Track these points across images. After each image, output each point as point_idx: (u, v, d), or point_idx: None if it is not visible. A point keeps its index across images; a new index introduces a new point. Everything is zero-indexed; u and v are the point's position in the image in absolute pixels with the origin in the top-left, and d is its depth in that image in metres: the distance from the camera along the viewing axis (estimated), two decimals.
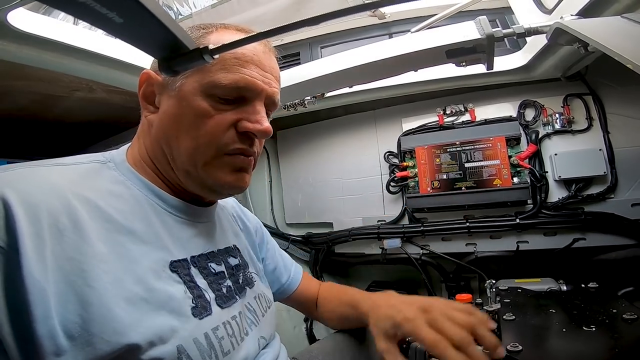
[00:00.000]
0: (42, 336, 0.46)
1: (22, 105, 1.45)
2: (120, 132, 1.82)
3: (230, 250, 0.84)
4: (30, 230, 0.49)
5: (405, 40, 1.27)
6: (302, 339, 1.99)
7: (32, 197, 0.52)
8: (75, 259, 0.51)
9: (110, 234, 0.57)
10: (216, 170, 0.68)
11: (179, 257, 0.66)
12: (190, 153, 0.66)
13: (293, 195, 2.27)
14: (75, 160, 0.66)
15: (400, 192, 1.92)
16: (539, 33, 1.11)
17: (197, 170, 0.67)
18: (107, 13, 0.30)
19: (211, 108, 0.66)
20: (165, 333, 0.56)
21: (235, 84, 0.66)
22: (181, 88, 0.67)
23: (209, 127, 0.66)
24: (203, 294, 0.66)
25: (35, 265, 0.48)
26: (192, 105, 0.66)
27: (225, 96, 0.66)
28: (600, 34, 0.82)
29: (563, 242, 1.61)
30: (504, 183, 1.66)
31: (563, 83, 1.62)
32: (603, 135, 1.57)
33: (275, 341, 0.88)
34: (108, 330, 0.50)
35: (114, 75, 1.27)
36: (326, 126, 2.15)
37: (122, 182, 0.67)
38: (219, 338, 0.65)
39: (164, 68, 0.43)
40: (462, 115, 1.82)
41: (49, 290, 0.48)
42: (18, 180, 0.54)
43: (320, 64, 1.46)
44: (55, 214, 0.53)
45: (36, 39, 0.99)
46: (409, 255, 1.88)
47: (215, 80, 0.65)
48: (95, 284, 0.51)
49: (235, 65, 0.66)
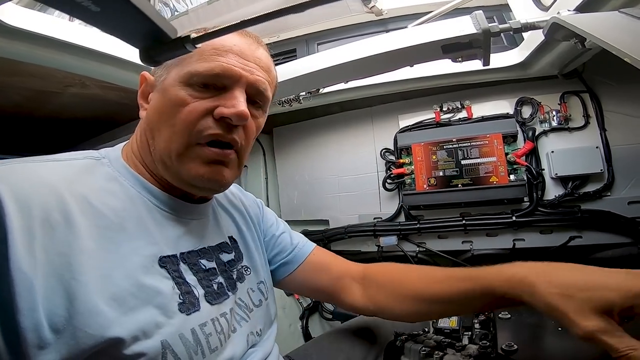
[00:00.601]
0: (25, 329, 0.47)
1: (15, 101, 1.43)
2: (115, 128, 1.81)
3: (224, 245, 0.83)
4: (20, 224, 0.49)
5: (401, 35, 1.27)
6: (298, 337, 1.99)
7: (24, 192, 0.52)
8: (64, 253, 0.52)
9: (101, 230, 0.57)
10: (189, 161, 0.67)
11: (168, 253, 0.66)
12: (166, 142, 0.67)
13: (289, 193, 2.27)
14: (70, 156, 0.66)
15: (397, 189, 1.91)
16: (536, 28, 1.11)
17: (172, 161, 0.67)
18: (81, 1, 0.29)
19: (188, 96, 0.66)
20: (150, 328, 0.56)
21: (210, 71, 0.66)
22: (164, 82, 0.69)
23: (183, 115, 0.66)
24: (192, 290, 0.66)
25: (24, 258, 0.48)
26: (170, 95, 0.67)
27: (201, 83, 0.66)
28: (597, 29, 0.82)
29: (559, 240, 1.61)
30: (501, 180, 1.65)
31: (560, 80, 1.61)
32: (600, 133, 1.56)
33: (267, 340, 0.85)
34: (93, 324, 0.50)
35: (108, 71, 1.26)
36: (322, 123, 2.14)
37: (116, 178, 0.67)
38: (207, 334, 0.64)
39: (145, 58, 0.42)
40: (459, 112, 1.82)
41: (36, 284, 0.48)
42: (11, 175, 0.54)
43: (314, 59, 1.45)
44: (47, 209, 0.53)
45: (27, 35, 0.98)
46: (405, 253, 1.87)
47: (192, 70, 0.66)
48: (82, 278, 0.52)
49: (214, 55, 0.67)
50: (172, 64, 0.69)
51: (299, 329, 2.02)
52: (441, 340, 0.96)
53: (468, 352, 0.87)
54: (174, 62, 0.69)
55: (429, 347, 0.94)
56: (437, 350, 0.92)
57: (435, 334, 1.04)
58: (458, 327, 1.07)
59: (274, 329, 0.89)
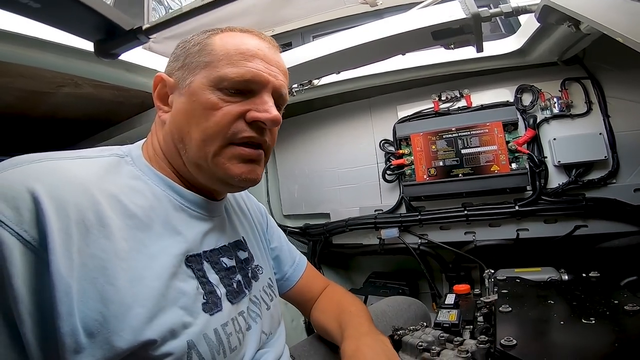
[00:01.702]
0: (64, 334, 0.47)
1: (7, 102, 1.42)
2: (110, 127, 1.80)
3: (240, 243, 0.85)
4: (59, 226, 0.49)
5: (390, 23, 1.24)
6: (301, 332, 1.98)
7: (59, 192, 0.52)
8: (98, 256, 0.52)
9: (131, 230, 0.58)
10: (225, 161, 0.69)
11: (193, 252, 0.67)
12: (200, 145, 0.68)
13: (289, 187, 2.26)
14: (96, 153, 0.67)
15: (397, 180, 1.89)
16: (528, 12, 1.09)
17: (208, 163, 0.69)
18: None
19: (219, 100, 0.67)
20: (178, 328, 0.57)
21: (242, 77, 0.68)
22: (190, 85, 0.69)
23: (217, 118, 0.67)
24: (215, 289, 0.68)
25: (63, 262, 0.48)
26: (201, 99, 0.67)
27: (232, 88, 0.68)
28: (588, 9, 0.80)
29: (564, 229, 1.58)
30: (502, 169, 1.62)
31: (560, 67, 1.58)
32: (603, 119, 1.53)
33: (278, 340, 0.87)
34: (126, 328, 0.51)
35: (98, 70, 1.24)
36: (321, 116, 2.12)
37: (140, 177, 0.68)
38: (228, 334, 0.66)
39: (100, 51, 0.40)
40: (458, 102, 1.79)
41: (73, 288, 0.48)
42: (47, 174, 0.54)
43: (305, 49, 1.42)
44: (82, 209, 0.53)
45: (7, 35, 0.96)
46: (407, 245, 1.86)
47: (222, 75, 0.67)
48: (116, 282, 0.52)
49: (241, 60, 0.68)
50: (195, 65, 0.69)
51: (302, 324, 2.01)
52: (439, 336, 0.94)
53: (466, 347, 0.85)
54: (198, 64, 0.69)
55: (427, 341, 0.92)
56: (434, 345, 0.91)
57: (434, 329, 1.02)
58: (458, 322, 1.05)
59: (282, 329, 0.91)
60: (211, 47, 0.69)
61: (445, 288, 1.92)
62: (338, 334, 0.92)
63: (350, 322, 0.92)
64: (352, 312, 0.97)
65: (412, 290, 1.95)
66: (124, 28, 0.36)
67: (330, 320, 0.98)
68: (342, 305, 1.02)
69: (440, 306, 1.20)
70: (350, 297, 1.07)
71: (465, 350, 0.84)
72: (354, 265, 2.32)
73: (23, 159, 0.55)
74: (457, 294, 1.27)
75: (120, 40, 0.37)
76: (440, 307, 1.19)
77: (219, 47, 0.69)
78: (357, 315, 0.96)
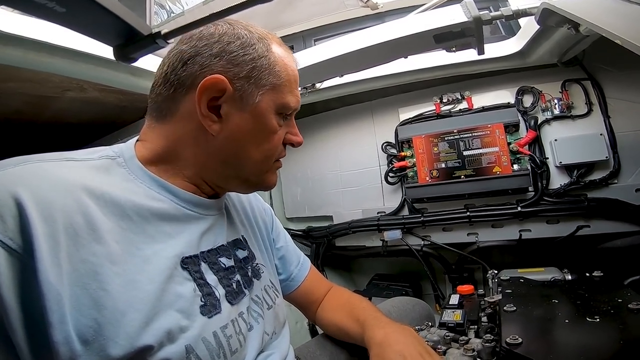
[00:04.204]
0: (57, 342, 0.46)
1: (15, 107, 1.43)
2: (115, 131, 1.81)
3: (239, 242, 0.83)
4: (45, 232, 0.47)
5: (392, 26, 1.25)
6: (305, 334, 1.98)
7: (46, 196, 0.50)
8: (89, 261, 0.50)
9: (124, 233, 0.56)
10: (271, 175, 0.77)
11: (190, 254, 0.65)
12: (257, 164, 0.72)
13: (292, 190, 2.26)
14: (85, 154, 0.64)
15: (399, 182, 1.90)
16: (528, 15, 1.10)
17: (258, 178, 0.75)
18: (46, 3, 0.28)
19: (277, 125, 0.72)
20: (175, 333, 0.56)
21: (295, 106, 0.74)
22: (258, 105, 0.68)
23: (275, 141, 0.73)
24: (213, 291, 0.65)
25: (51, 269, 0.46)
26: (268, 123, 0.70)
27: (287, 115, 0.74)
28: (588, 12, 0.80)
29: (566, 229, 1.59)
30: (504, 170, 1.63)
31: (560, 69, 1.59)
32: (604, 120, 1.54)
33: (282, 341, 0.85)
34: (121, 334, 0.50)
35: (104, 74, 1.25)
36: (323, 119, 2.13)
37: (132, 179, 0.64)
38: (227, 337, 0.64)
39: (120, 55, 0.41)
40: (459, 104, 1.80)
41: (64, 295, 0.47)
42: (30, 177, 0.51)
43: (307, 53, 1.43)
44: (70, 212, 0.51)
45: (18, 40, 0.97)
46: (410, 247, 1.86)
47: (286, 103, 0.71)
48: (109, 286, 0.51)
49: (295, 89, 0.74)
50: (264, 84, 0.67)
51: (306, 326, 2.01)
52: (445, 335, 0.94)
53: (471, 346, 0.86)
54: (266, 83, 0.67)
55: (432, 341, 0.93)
56: (440, 345, 0.91)
57: (439, 328, 1.02)
58: (463, 321, 1.06)
59: (287, 330, 0.90)
60: (277, 68, 0.68)
61: (448, 289, 1.93)
62: (356, 328, 0.93)
63: (369, 315, 0.94)
64: (366, 307, 0.99)
65: (415, 292, 1.95)
66: (143, 33, 0.37)
67: (343, 316, 0.99)
68: (353, 302, 1.03)
69: (445, 306, 1.21)
70: (358, 296, 1.08)
71: (471, 349, 0.84)
72: (357, 268, 2.32)
73: (6, 163, 0.53)
74: (461, 295, 1.27)
75: (139, 45, 0.38)
76: (445, 307, 1.20)
77: (282, 70, 0.69)
78: (372, 310, 0.98)
